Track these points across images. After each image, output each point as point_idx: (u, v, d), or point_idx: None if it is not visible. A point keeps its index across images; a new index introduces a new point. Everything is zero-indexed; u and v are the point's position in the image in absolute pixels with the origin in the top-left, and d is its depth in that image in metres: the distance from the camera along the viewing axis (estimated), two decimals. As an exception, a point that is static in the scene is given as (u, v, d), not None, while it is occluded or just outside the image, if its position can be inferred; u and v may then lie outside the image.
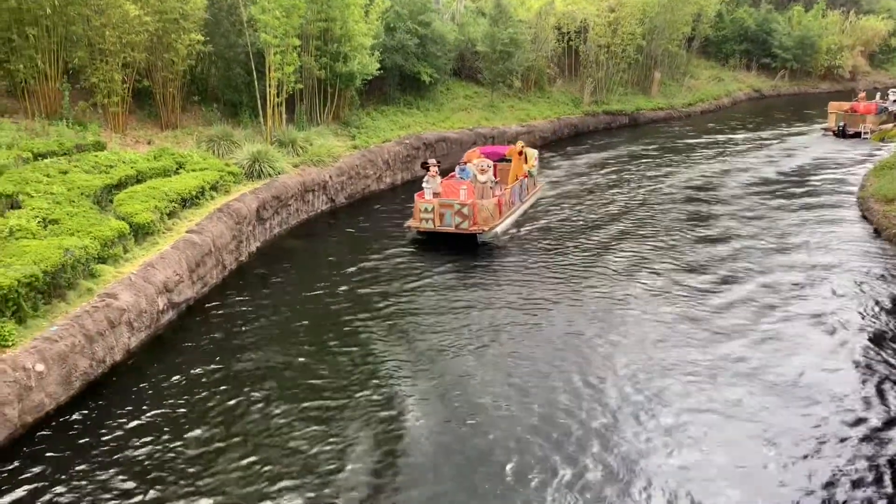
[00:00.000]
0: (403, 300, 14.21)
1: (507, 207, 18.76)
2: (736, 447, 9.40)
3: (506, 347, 12.19)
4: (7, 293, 10.05)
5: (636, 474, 8.87)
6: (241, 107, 22.22)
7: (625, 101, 37.18)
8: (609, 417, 10.07)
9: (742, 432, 9.72)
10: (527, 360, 11.72)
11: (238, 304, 14.06)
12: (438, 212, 17.34)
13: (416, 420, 10.07)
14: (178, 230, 14.62)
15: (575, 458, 9.16)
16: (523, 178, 20.35)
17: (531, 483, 8.70)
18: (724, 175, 25.61)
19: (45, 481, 8.80)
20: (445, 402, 10.50)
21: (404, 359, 11.82)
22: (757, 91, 49.42)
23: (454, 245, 17.35)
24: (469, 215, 17.25)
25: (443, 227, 17.40)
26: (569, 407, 10.32)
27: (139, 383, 11.04)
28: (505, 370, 11.42)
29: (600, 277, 15.35)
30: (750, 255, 16.70)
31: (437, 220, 17.35)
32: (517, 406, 10.37)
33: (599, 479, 8.79)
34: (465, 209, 17.23)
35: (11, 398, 9.42)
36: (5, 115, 17.40)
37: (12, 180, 13.75)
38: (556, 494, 8.51)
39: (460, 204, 17.28)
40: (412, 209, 18.20)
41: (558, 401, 10.46)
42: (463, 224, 17.29)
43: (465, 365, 11.58)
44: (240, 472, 8.97)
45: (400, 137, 24.83)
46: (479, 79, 32.19)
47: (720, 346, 12.17)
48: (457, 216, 17.30)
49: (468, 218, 17.25)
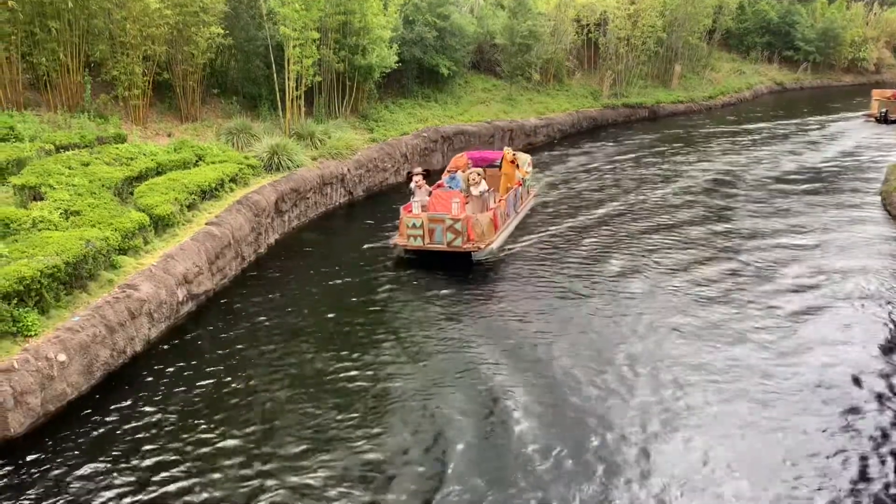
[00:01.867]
0: (424, 294, 14.24)
1: (503, 220, 17.03)
2: (755, 449, 9.34)
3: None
4: (30, 283, 10.17)
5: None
6: (260, 100, 22.31)
7: (644, 94, 36.90)
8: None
9: (765, 437, 9.65)
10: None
11: (257, 295, 14.14)
12: (428, 227, 15.46)
13: (440, 411, 10.11)
14: (198, 222, 14.72)
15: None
16: (517, 187, 18.54)
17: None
18: (772, 162, 25.57)
19: (68, 470, 8.91)
20: (462, 391, 10.52)
21: (425, 351, 11.86)
22: (779, 84, 48.87)
23: (445, 264, 15.64)
24: (462, 231, 15.35)
25: (433, 244, 15.55)
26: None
27: (159, 374, 11.14)
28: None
29: (612, 300, 13.85)
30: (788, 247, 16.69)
31: (427, 237, 15.50)
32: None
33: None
34: (457, 224, 15.32)
35: (34, 387, 9.55)
36: (28, 107, 17.59)
37: (35, 172, 13.91)
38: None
39: (452, 219, 15.37)
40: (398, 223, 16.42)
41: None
42: (456, 241, 15.39)
43: (461, 358, 11.59)
44: (259, 462, 9.05)
45: (418, 130, 24.82)
46: (498, 72, 32.08)
47: (743, 351, 12.08)
48: (449, 232, 15.39)
49: (461, 234, 15.36)
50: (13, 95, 17.42)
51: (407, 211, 15.94)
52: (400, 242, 15.79)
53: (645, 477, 8.70)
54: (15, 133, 15.69)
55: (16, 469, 8.89)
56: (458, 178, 17.75)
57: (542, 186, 22.50)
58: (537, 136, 29.82)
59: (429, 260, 15.65)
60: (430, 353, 11.82)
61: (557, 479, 8.67)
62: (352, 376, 11.06)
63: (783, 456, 9.09)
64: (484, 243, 15.58)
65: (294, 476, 8.76)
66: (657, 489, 8.49)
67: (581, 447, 9.25)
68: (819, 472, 8.79)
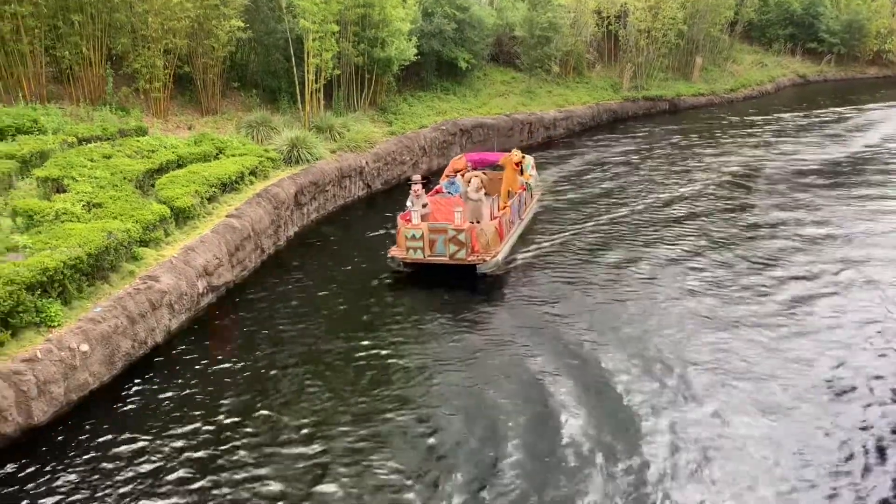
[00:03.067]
0: (445, 286, 14.26)
1: (508, 229, 15.90)
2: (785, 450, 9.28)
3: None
4: (53, 274, 10.31)
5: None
6: (279, 93, 22.40)
7: (665, 87, 36.57)
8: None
9: (789, 437, 9.59)
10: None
11: (276, 288, 14.22)
12: (428, 238, 14.39)
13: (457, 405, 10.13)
14: (218, 214, 14.82)
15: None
16: (521, 192, 17.23)
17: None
18: (798, 154, 25.46)
19: (90, 457, 9.05)
20: (466, 371, 10.54)
21: (446, 348, 11.89)
22: (802, 76, 48.21)
23: (446, 278, 14.58)
24: (466, 242, 14.29)
25: (434, 256, 14.45)
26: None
27: (179, 364, 11.26)
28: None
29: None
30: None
31: (428, 249, 14.44)
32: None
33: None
34: (461, 235, 14.25)
35: (58, 377, 9.69)
36: (52, 100, 17.79)
37: (58, 165, 14.07)
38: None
39: (455, 229, 14.29)
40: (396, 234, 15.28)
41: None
42: (459, 253, 14.32)
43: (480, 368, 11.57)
44: (272, 449, 9.13)
45: (436, 123, 24.79)
46: (517, 64, 31.94)
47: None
48: (451, 244, 14.31)
49: (465, 246, 14.30)
50: (37, 88, 17.62)
51: (405, 221, 14.84)
52: (398, 255, 14.64)
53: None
54: (39, 126, 15.88)
55: (40, 456, 9.04)
56: (458, 184, 16.66)
57: (557, 180, 22.40)
58: (557, 129, 29.68)
59: (429, 273, 14.69)
60: (438, 333, 11.87)
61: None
62: (371, 362, 11.13)
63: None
64: (490, 255, 14.51)
65: (311, 459, 8.85)
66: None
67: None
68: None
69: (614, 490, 8.40)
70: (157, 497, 8.37)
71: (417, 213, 14.70)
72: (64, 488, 8.51)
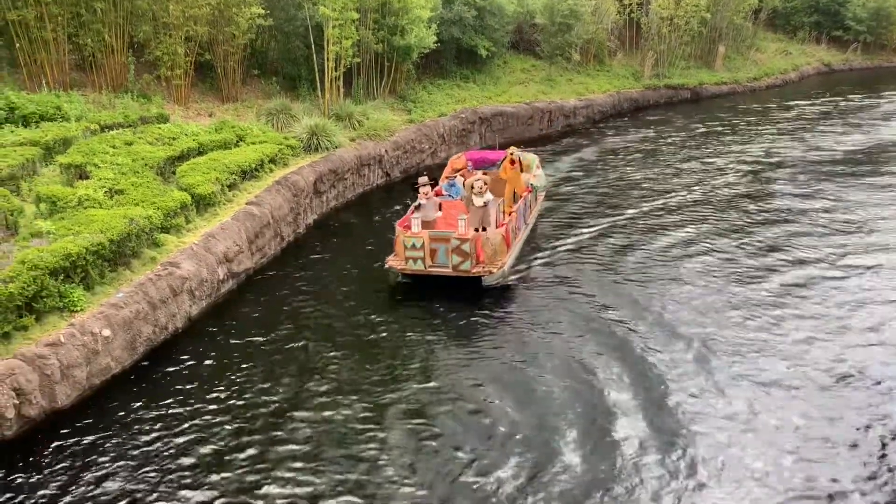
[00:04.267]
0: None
1: (514, 236, 14.62)
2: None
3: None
4: (76, 260, 10.43)
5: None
6: (299, 80, 22.43)
7: (687, 75, 36.19)
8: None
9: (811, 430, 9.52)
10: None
11: (296, 275, 14.30)
12: (429, 247, 13.28)
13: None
14: (238, 202, 14.91)
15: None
16: (526, 195, 15.77)
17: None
18: (823, 143, 25.10)
19: (113, 440, 9.18)
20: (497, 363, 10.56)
21: (473, 336, 11.91)
22: (826, 65, 47.48)
23: (447, 289, 13.41)
24: (471, 253, 13.15)
25: (436, 267, 13.35)
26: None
27: (200, 350, 11.37)
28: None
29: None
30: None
31: (429, 259, 13.35)
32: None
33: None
34: (465, 245, 13.09)
35: (80, 361, 9.82)
36: (74, 87, 17.95)
37: (81, 151, 14.21)
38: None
39: (459, 238, 13.12)
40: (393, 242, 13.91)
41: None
42: (464, 265, 13.17)
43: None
44: (291, 432, 9.21)
45: (456, 111, 24.72)
46: (537, 52, 31.74)
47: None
48: (455, 254, 13.16)
49: (469, 256, 13.17)
50: (60, 76, 17.78)
51: (403, 227, 13.69)
52: (396, 265, 13.47)
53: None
54: (62, 113, 16.05)
55: (64, 438, 9.19)
56: (459, 185, 15.34)
57: (572, 169, 22.28)
58: (577, 118, 29.49)
59: (428, 283, 13.59)
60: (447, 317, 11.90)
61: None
62: (389, 350, 11.19)
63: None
64: (496, 266, 13.34)
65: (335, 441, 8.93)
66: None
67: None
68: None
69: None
70: (179, 476, 8.48)
71: (418, 219, 13.49)
72: (87, 470, 8.65)
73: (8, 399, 8.88)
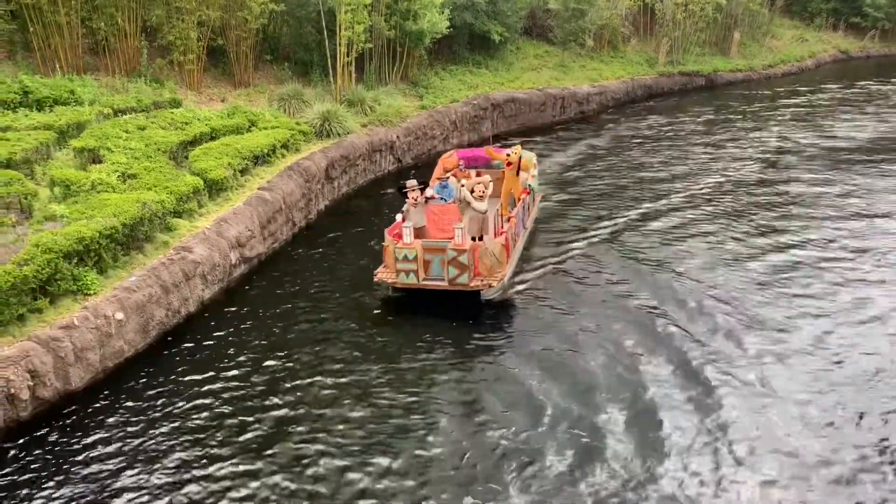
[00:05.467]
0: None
1: (513, 243, 13.35)
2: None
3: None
4: (89, 244, 10.50)
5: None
6: (311, 66, 22.39)
7: (701, 62, 35.88)
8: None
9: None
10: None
11: (307, 260, 14.34)
12: (423, 258, 12.13)
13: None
14: (250, 187, 14.95)
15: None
16: (525, 197, 14.49)
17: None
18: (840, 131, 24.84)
19: (126, 421, 9.27)
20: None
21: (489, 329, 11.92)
22: (844, 52, 46.92)
23: (441, 302, 12.37)
24: (468, 265, 11.96)
25: (430, 280, 12.22)
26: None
27: (212, 334, 11.43)
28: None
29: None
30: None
31: (422, 271, 12.18)
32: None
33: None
34: (462, 257, 11.90)
35: (94, 344, 9.90)
36: (88, 71, 17.99)
37: (94, 135, 14.27)
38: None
39: (456, 249, 11.90)
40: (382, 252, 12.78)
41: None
42: (461, 278, 12.00)
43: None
44: (301, 413, 9.27)
45: (468, 98, 24.63)
46: (551, 38, 31.54)
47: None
48: (451, 266, 11.97)
49: (467, 269, 11.98)
50: (73, 60, 17.82)
51: (393, 235, 12.51)
52: (386, 278, 12.33)
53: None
54: (75, 97, 16.10)
55: (78, 420, 9.29)
56: (451, 187, 13.87)
57: (584, 158, 22.17)
58: (590, 105, 29.32)
59: (421, 296, 12.50)
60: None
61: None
62: (403, 336, 11.23)
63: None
64: (496, 278, 12.22)
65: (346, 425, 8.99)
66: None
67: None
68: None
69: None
70: (190, 458, 8.56)
71: (410, 228, 12.19)
72: (100, 450, 8.74)
73: (23, 381, 8.97)
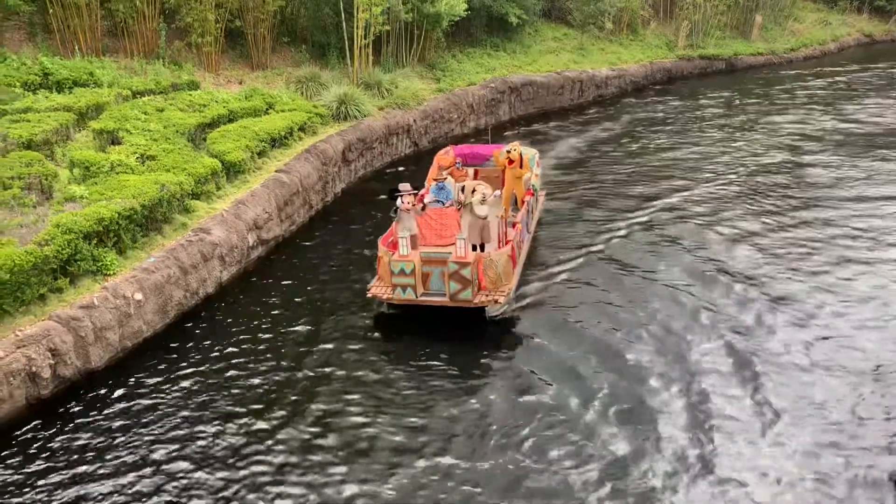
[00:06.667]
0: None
1: (518, 252, 12.15)
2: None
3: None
4: (109, 225, 10.59)
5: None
6: (328, 48, 22.35)
7: (722, 46, 35.42)
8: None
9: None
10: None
11: (324, 243, 14.38)
12: (421, 272, 10.98)
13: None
14: (268, 169, 14.99)
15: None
16: (528, 199, 13.33)
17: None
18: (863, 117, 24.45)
19: (144, 400, 9.38)
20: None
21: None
22: (867, 36, 46.10)
23: (437, 316, 11.25)
24: (472, 279, 10.78)
25: (429, 295, 11.05)
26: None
27: (230, 315, 11.52)
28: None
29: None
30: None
31: (420, 286, 11.03)
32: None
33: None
34: (465, 270, 10.70)
35: (113, 324, 10.01)
36: (107, 54, 18.07)
37: (113, 117, 14.35)
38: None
39: (458, 262, 10.71)
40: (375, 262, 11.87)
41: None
42: (464, 293, 10.80)
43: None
44: (330, 394, 9.34)
45: (485, 81, 24.49)
46: (569, 20, 31.26)
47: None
48: (452, 280, 10.77)
49: (471, 283, 10.79)
50: (92, 42, 17.90)
51: (387, 245, 11.53)
52: (380, 295, 11.21)
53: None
54: (94, 79, 16.19)
55: (97, 398, 9.42)
56: (449, 188, 12.94)
57: (602, 140, 22.01)
58: (608, 88, 29.07)
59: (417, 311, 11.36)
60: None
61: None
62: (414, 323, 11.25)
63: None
64: (502, 293, 11.07)
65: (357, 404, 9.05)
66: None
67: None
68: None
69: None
70: (210, 436, 8.66)
71: (406, 238, 11.07)
72: (119, 428, 8.85)
73: (44, 359, 9.10)
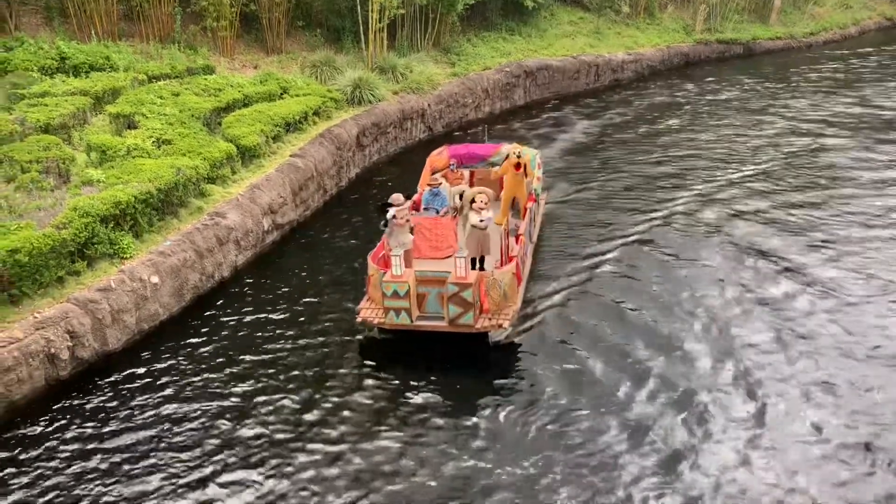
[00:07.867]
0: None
1: (523, 266, 10.99)
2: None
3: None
4: (125, 208, 10.68)
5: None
6: (343, 32, 22.27)
7: (740, 30, 34.98)
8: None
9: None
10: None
11: (339, 228, 14.41)
12: (416, 293, 9.85)
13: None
14: (283, 154, 15.02)
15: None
16: (531, 205, 12.24)
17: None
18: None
19: (160, 382, 9.48)
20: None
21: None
22: (889, 19, 45.38)
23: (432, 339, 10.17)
24: (473, 302, 9.62)
25: (426, 319, 9.93)
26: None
27: (245, 298, 11.60)
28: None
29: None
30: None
31: (416, 308, 9.90)
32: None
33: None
34: (465, 293, 9.53)
35: (130, 306, 10.11)
36: (122, 38, 18.11)
37: (129, 101, 14.42)
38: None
39: (458, 284, 9.54)
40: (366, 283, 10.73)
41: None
42: (465, 318, 9.65)
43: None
44: (343, 379, 9.41)
45: (500, 65, 24.33)
46: (585, 4, 30.96)
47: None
48: (452, 304, 9.62)
49: (472, 306, 9.63)
50: (109, 26, 17.94)
51: (377, 262, 10.40)
52: (370, 318, 10.09)
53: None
54: (111, 63, 16.25)
55: (115, 381, 9.54)
56: (444, 194, 12.05)
57: (622, 122, 21.85)
58: (625, 72, 28.82)
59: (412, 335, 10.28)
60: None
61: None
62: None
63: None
64: (507, 316, 9.88)
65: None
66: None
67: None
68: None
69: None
70: (225, 419, 8.75)
71: (398, 257, 9.79)
72: (137, 409, 8.97)
73: (63, 341, 9.21)
